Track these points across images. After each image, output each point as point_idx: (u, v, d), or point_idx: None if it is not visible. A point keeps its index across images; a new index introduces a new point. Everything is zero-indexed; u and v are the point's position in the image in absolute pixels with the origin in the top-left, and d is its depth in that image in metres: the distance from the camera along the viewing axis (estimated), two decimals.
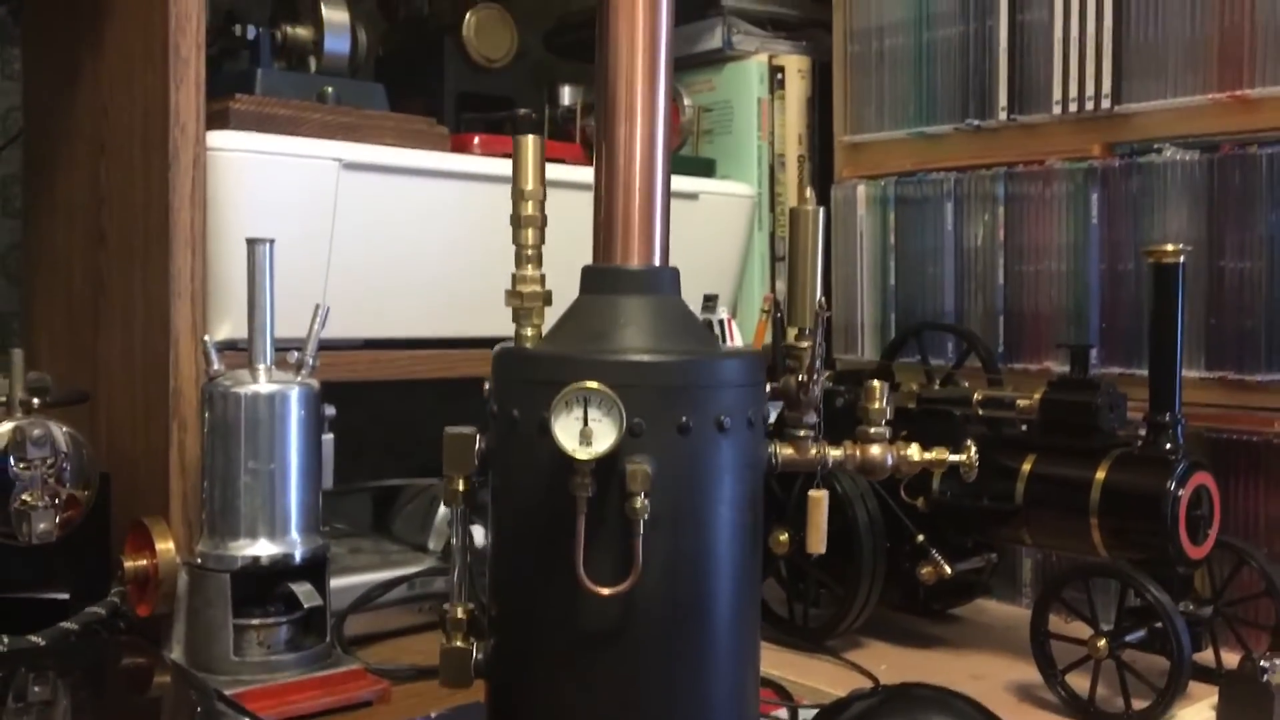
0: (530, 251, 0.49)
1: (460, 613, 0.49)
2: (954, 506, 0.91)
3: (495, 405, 0.48)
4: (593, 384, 0.44)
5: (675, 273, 0.50)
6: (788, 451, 0.50)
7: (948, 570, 0.89)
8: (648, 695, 0.46)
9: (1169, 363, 0.84)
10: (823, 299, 0.50)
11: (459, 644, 0.49)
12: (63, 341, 1.04)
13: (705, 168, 1.24)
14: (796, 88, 1.28)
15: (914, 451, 0.54)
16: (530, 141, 0.49)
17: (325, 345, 0.87)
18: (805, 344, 0.49)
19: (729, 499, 0.47)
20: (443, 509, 1.04)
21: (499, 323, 0.55)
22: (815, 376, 0.49)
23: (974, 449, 0.56)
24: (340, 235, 0.95)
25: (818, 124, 1.29)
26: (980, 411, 0.92)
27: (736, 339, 1.13)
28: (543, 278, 0.49)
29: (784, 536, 0.91)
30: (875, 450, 0.52)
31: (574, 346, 0.48)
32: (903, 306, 1.17)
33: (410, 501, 1.08)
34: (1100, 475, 0.84)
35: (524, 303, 0.49)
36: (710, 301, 1.20)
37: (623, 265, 0.49)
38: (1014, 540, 0.93)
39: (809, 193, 0.50)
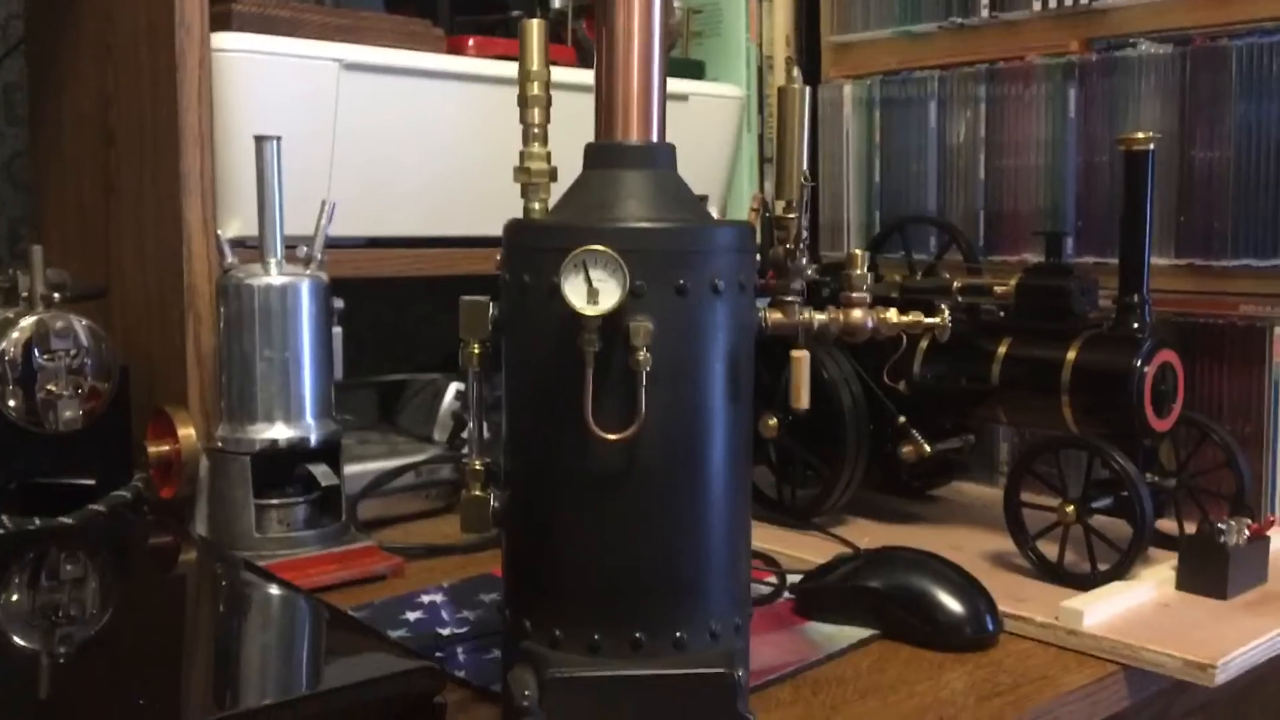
0: (536, 129, 0.53)
1: (478, 464, 0.54)
2: (934, 389, 0.96)
3: (507, 273, 0.52)
4: (598, 247, 0.48)
5: (672, 148, 0.54)
6: (776, 315, 0.54)
7: (927, 449, 0.94)
8: (652, 531, 0.51)
9: (1138, 247, 0.88)
10: (806, 171, 0.54)
11: (478, 492, 0.53)
12: (75, 243, 1.07)
13: (695, 69, 1.27)
14: None
15: (892, 314, 0.58)
16: (535, 25, 0.52)
17: (330, 243, 0.91)
18: (792, 215, 0.53)
19: (722, 355, 0.52)
20: (446, 401, 1.08)
21: (495, 223, 0.59)
22: (801, 245, 0.53)
23: (947, 312, 0.60)
24: (342, 135, 0.98)
25: (805, 25, 1.31)
26: (960, 299, 0.97)
27: None
28: (549, 154, 0.53)
29: (773, 421, 0.96)
30: (857, 314, 0.56)
31: (580, 216, 0.51)
32: (887, 204, 1.21)
33: (415, 395, 1.13)
34: (1071, 355, 0.88)
35: (531, 178, 0.53)
36: (700, 202, 1.24)
37: (623, 141, 0.53)
38: (990, 419, 0.97)
39: (795, 72, 0.53)
